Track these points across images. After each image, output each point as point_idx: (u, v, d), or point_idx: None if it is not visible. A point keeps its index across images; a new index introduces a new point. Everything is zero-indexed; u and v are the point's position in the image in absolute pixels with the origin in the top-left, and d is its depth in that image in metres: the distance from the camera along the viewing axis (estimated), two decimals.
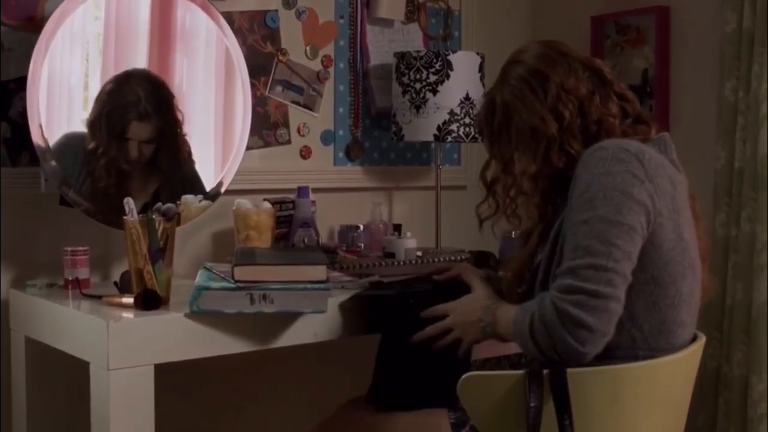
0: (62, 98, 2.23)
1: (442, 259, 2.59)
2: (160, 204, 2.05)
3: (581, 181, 1.63)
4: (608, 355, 1.63)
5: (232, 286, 1.92)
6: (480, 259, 2.64)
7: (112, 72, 2.27)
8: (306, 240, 2.49)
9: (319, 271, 1.96)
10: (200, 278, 2.03)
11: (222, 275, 2.02)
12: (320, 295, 1.94)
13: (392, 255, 2.57)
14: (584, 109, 1.76)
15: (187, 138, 2.44)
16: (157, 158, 2.38)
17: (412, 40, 3.01)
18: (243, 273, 1.93)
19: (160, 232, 2.00)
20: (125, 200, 2.01)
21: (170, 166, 2.41)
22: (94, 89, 2.24)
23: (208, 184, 2.50)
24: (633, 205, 1.59)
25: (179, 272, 2.45)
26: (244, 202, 2.33)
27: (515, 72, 1.82)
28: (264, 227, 2.30)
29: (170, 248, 2.03)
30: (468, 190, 3.16)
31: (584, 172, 1.64)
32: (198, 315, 1.92)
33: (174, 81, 2.39)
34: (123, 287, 2.09)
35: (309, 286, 1.94)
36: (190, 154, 2.46)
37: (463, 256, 2.62)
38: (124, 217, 2.01)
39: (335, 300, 2.07)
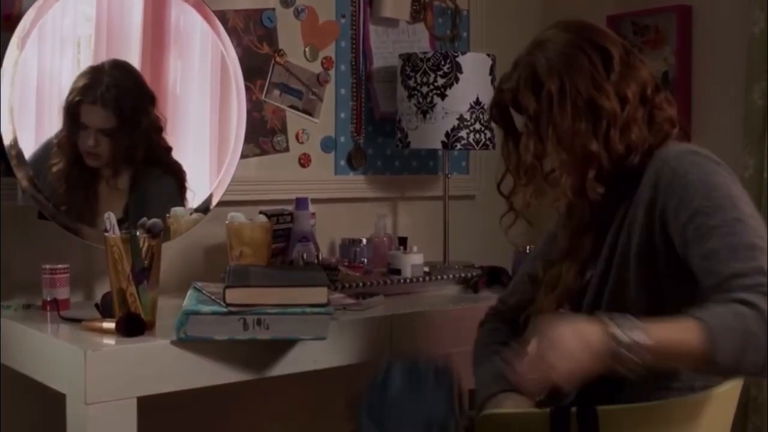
0: (51, 102, 2.11)
1: (451, 276, 2.42)
2: (145, 219, 1.88)
3: (690, 187, 1.43)
4: (662, 386, 1.45)
5: (223, 310, 1.75)
6: (492, 275, 2.48)
7: None
8: (305, 256, 2.32)
9: (320, 294, 1.79)
10: (189, 300, 1.86)
11: (213, 297, 1.85)
12: (320, 320, 1.77)
13: (397, 271, 2.39)
14: (645, 96, 1.57)
15: (168, 142, 2.29)
16: (131, 164, 2.24)
17: (418, 40, 2.84)
18: (235, 296, 1.76)
19: (144, 250, 1.83)
20: (105, 215, 1.83)
21: (148, 173, 2.26)
22: None
23: (200, 195, 2.34)
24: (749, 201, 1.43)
25: (168, 291, 2.28)
26: (237, 216, 2.15)
27: (564, 39, 1.59)
28: (259, 243, 2.13)
29: (156, 267, 1.85)
30: (477, 200, 3.02)
31: (686, 176, 1.44)
32: (185, 342, 1.74)
33: (167, 84, 2.28)
34: (104, 310, 1.91)
35: (308, 310, 1.77)
36: (171, 162, 2.30)
37: (473, 273, 2.45)
38: (105, 234, 1.84)
39: (337, 324, 1.90)
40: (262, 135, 2.54)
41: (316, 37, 2.64)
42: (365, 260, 2.51)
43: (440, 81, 2.55)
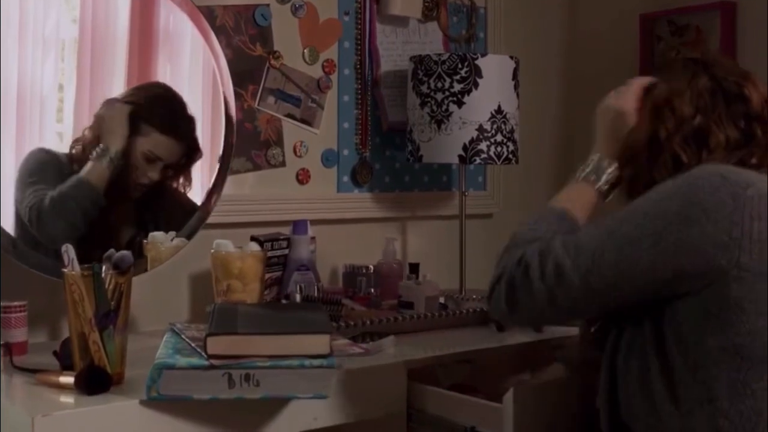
0: (33, 110, 1.94)
1: (471, 311, 2.11)
2: (112, 251, 1.57)
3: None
4: None
5: (205, 363, 1.44)
6: None
7: (88, 80, 1.98)
8: (303, 287, 2.02)
9: (321, 343, 1.49)
10: (164, 348, 1.55)
11: (193, 344, 1.55)
12: (322, 374, 1.47)
13: (410, 305, 2.09)
14: None
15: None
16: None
17: (430, 41, 2.55)
18: (219, 346, 1.46)
19: (111, 288, 1.52)
20: (63, 248, 1.53)
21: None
22: (70, 100, 1.95)
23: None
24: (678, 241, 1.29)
25: (144, 329, 2.01)
26: (224, 244, 1.85)
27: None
28: (250, 276, 1.83)
29: (125, 310, 1.55)
30: (494, 219, 2.73)
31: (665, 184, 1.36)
32: (158, 402, 1.44)
33: None
34: (64, 359, 1.60)
35: (307, 362, 1.46)
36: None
37: None
38: (63, 270, 1.53)
39: (341, 374, 1.60)
40: (255, 148, 2.25)
41: (316, 37, 2.35)
42: (372, 290, 2.22)
43: (457, 87, 2.25)
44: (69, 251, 1.52)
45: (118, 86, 1.99)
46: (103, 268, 1.55)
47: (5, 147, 1.86)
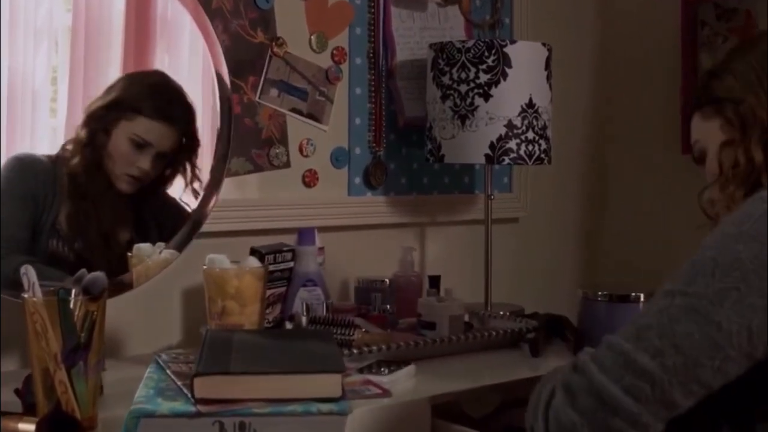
0: (24, 104, 1.79)
1: (501, 332, 1.86)
2: (83, 271, 1.33)
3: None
4: None
5: (191, 410, 1.20)
6: (551, 325, 1.94)
7: (82, 72, 1.84)
8: (310, 307, 1.78)
9: (331, 384, 1.24)
10: (144, 387, 1.32)
11: (179, 383, 1.31)
12: (332, 423, 1.22)
13: (431, 325, 1.84)
14: None
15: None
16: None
17: (451, 27, 2.31)
18: (209, 387, 1.23)
19: (80, 318, 1.28)
20: (22, 269, 1.28)
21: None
22: (63, 93, 1.81)
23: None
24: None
25: (130, 353, 1.78)
26: (219, 259, 1.60)
27: None
28: (249, 296, 1.58)
29: (98, 341, 1.31)
30: (521, 224, 2.49)
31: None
32: None
33: None
34: (27, 398, 1.36)
35: (315, 408, 1.22)
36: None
37: (529, 326, 1.89)
38: (23, 295, 1.28)
39: (354, 415, 1.35)
40: (256, 146, 2.02)
41: (324, 22, 2.11)
42: (388, 307, 1.97)
43: (483, 77, 2.01)
44: (29, 273, 1.27)
45: (114, 77, 1.84)
46: (73, 292, 1.30)
47: None
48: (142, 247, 1.76)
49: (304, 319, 1.71)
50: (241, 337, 1.44)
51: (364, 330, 1.76)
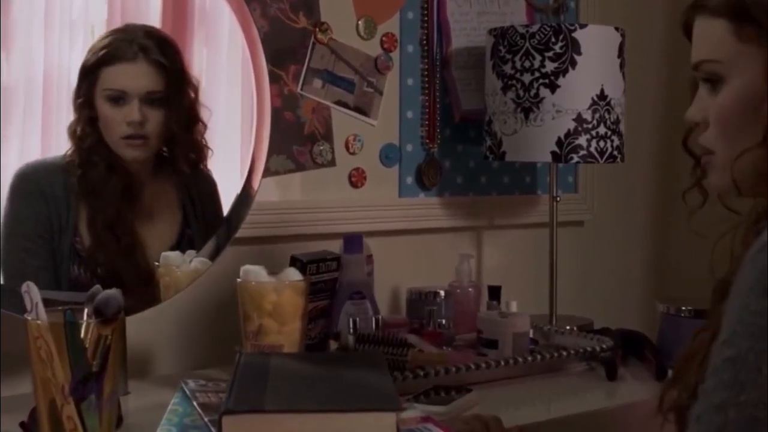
0: (60, 100, 1.66)
1: (573, 352, 1.66)
2: (97, 288, 1.15)
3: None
4: None
5: None
6: (628, 343, 1.75)
7: None
8: (357, 323, 1.59)
9: (384, 425, 1.05)
10: (167, 424, 1.14)
11: (206, 419, 1.12)
12: None
13: (493, 344, 1.64)
14: None
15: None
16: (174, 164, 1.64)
17: (511, 12, 2.11)
18: (239, 427, 1.03)
19: (93, 342, 1.10)
20: (24, 287, 1.10)
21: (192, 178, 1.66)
22: None
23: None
24: None
25: (158, 373, 1.63)
26: (254, 271, 1.41)
27: None
28: (288, 313, 1.39)
29: (112, 370, 1.12)
30: (586, 228, 2.30)
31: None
32: None
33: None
34: None
35: None
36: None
37: (603, 345, 1.68)
38: (26, 317, 1.11)
39: None
40: (297, 143, 1.85)
41: (373, 5, 1.94)
42: (444, 321, 1.78)
43: (550, 66, 1.82)
44: (31, 291, 1.09)
45: None
46: (85, 312, 1.12)
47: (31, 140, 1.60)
48: (170, 256, 1.58)
49: (350, 339, 1.52)
50: (279, 363, 1.25)
51: (417, 349, 1.57)
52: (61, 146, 1.58)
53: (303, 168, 1.85)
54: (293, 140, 1.84)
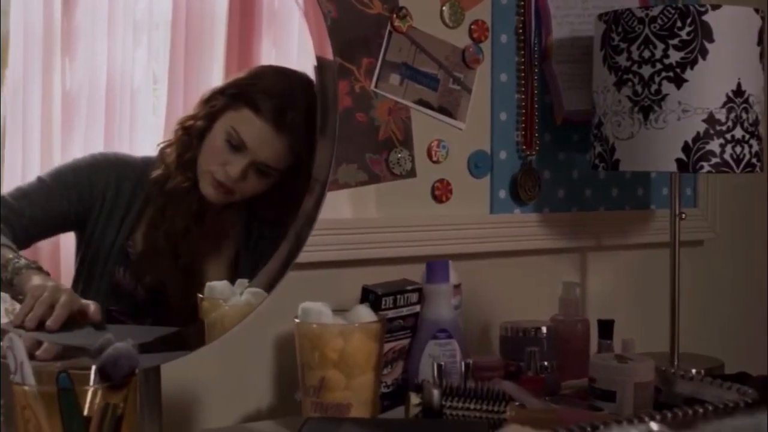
0: (123, 107, 1.60)
1: (711, 409, 1.35)
2: (107, 338, 0.89)
3: None
4: None
5: None
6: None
7: (182, 70, 1.61)
8: (443, 367, 1.33)
9: None
10: None
11: None
12: None
13: (610, 395, 1.35)
14: None
15: None
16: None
17: None
18: None
19: (98, 413, 0.84)
20: (6, 341, 0.84)
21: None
22: (163, 90, 1.60)
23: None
24: None
25: (205, 424, 1.40)
26: (315, 310, 1.14)
27: None
28: (358, 363, 1.12)
29: None
30: (706, 248, 2.03)
31: None
32: None
33: None
34: None
35: None
36: None
37: (747, 397, 1.38)
38: (11, 379, 0.85)
39: None
40: (371, 150, 1.61)
41: None
42: (546, 364, 1.49)
43: (675, 56, 1.54)
44: (14, 346, 0.83)
45: (216, 75, 1.61)
46: (92, 374, 0.86)
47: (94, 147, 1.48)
48: (216, 287, 1.33)
49: (435, 394, 1.23)
50: (351, 430, 0.97)
51: (518, 403, 1.29)
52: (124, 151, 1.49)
53: (377, 179, 1.62)
54: (366, 147, 1.60)
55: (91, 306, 1.26)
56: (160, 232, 1.38)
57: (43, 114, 1.47)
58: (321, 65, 1.44)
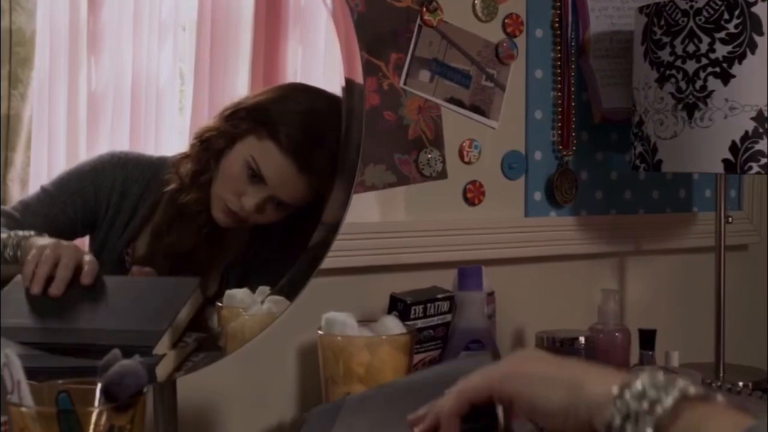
0: (149, 107, 1.60)
1: None
2: (114, 353, 0.82)
3: None
4: None
5: None
6: None
7: (208, 70, 1.60)
8: None
9: None
10: None
11: None
12: None
13: None
14: None
15: None
16: None
17: None
18: None
19: (104, 427, 0.78)
20: (2, 357, 0.78)
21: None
22: (188, 91, 1.59)
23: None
24: None
25: None
26: (340, 321, 1.08)
27: None
28: (387, 377, 1.06)
29: None
30: (750, 253, 1.98)
31: None
32: None
33: (287, 79, 1.65)
34: None
35: None
36: None
37: None
38: (8, 400, 0.78)
39: None
40: (400, 150, 1.56)
41: None
42: None
43: (721, 50, 1.47)
44: (11, 364, 0.77)
45: (242, 76, 1.61)
46: (97, 395, 0.80)
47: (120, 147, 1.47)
48: (236, 295, 1.27)
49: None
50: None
51: None
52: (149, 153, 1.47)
53: (407, 181, 1.56)
54: (394, 147, 1.55)
55: (86, 266, 1.20)
56: (163, 244, 1.33)
57: (69, 114, 1.44)
58: (348, 60, 1.40)
